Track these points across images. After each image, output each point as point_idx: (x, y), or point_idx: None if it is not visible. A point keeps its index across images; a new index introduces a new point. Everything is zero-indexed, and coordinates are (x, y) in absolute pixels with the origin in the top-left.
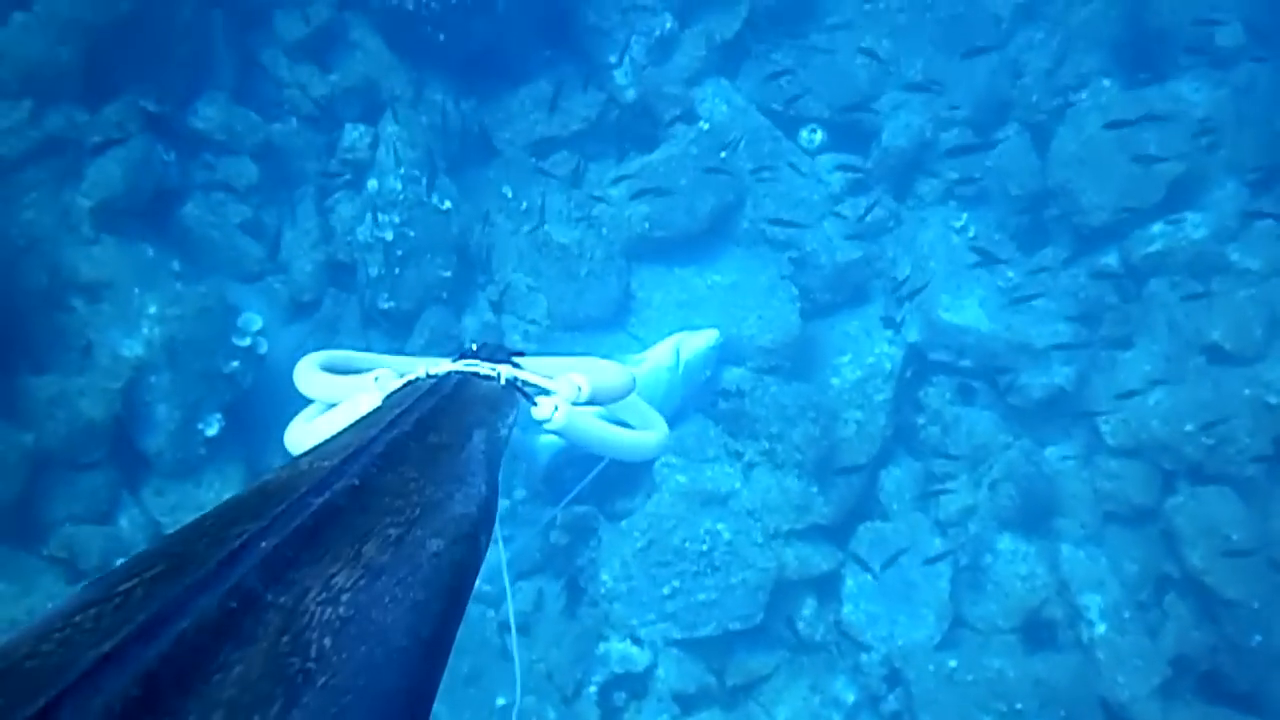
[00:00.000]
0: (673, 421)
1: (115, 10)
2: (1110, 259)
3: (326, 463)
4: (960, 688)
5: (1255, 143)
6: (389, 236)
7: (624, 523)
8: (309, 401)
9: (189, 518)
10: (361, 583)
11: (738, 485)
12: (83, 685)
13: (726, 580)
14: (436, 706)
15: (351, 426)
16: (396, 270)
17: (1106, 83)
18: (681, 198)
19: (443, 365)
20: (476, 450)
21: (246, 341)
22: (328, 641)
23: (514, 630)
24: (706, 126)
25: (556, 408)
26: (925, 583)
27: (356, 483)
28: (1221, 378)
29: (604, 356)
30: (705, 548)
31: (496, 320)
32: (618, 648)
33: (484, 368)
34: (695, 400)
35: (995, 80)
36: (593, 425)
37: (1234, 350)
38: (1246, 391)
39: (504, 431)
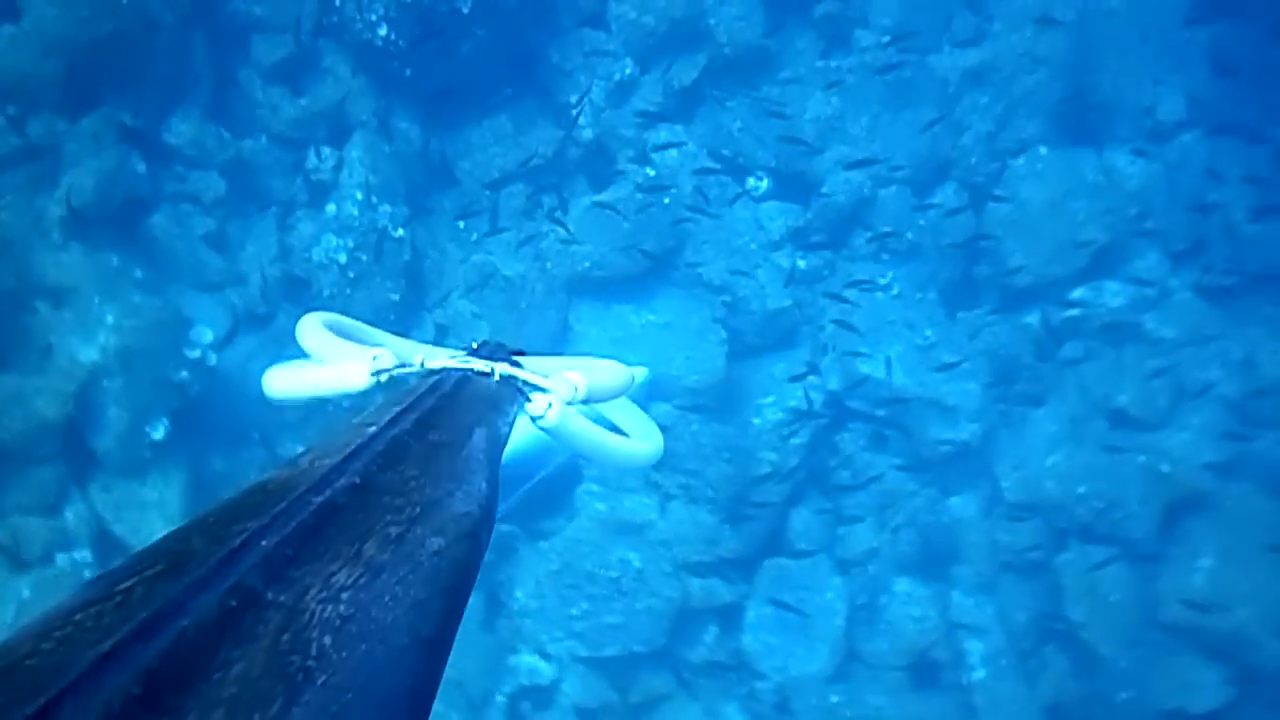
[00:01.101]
0: None
1: (99, 29)
2: (1032, 319)
3: (327, 461)
4: None
5: (1183, 216)
6: (342, 259)
7: (543, 543)
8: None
9: (131, 515)
10: (362, 581)
11: (654, 516)
12: (83, 683)
13: (633, 605)
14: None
15: (350, 425)
16: (348, 291)
17: (1044, 150)
18: (623, 239)
19: (441, 359)
20: (476, 448)
21: (197, 353)
22: (328, 640)
23: None
24: (653, 173)
25: (550, 405)
26: (823, 618)
27: (357, 481)
28: (1121, 443)
29: None
30: (615, 575)
31: (439, 341)
32: (527, 661)
33: (483, 365)
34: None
35: (937, 141)
36: (586, 428)
37: (1138, 416)
38: (1142, 459)
39: (504, 430)
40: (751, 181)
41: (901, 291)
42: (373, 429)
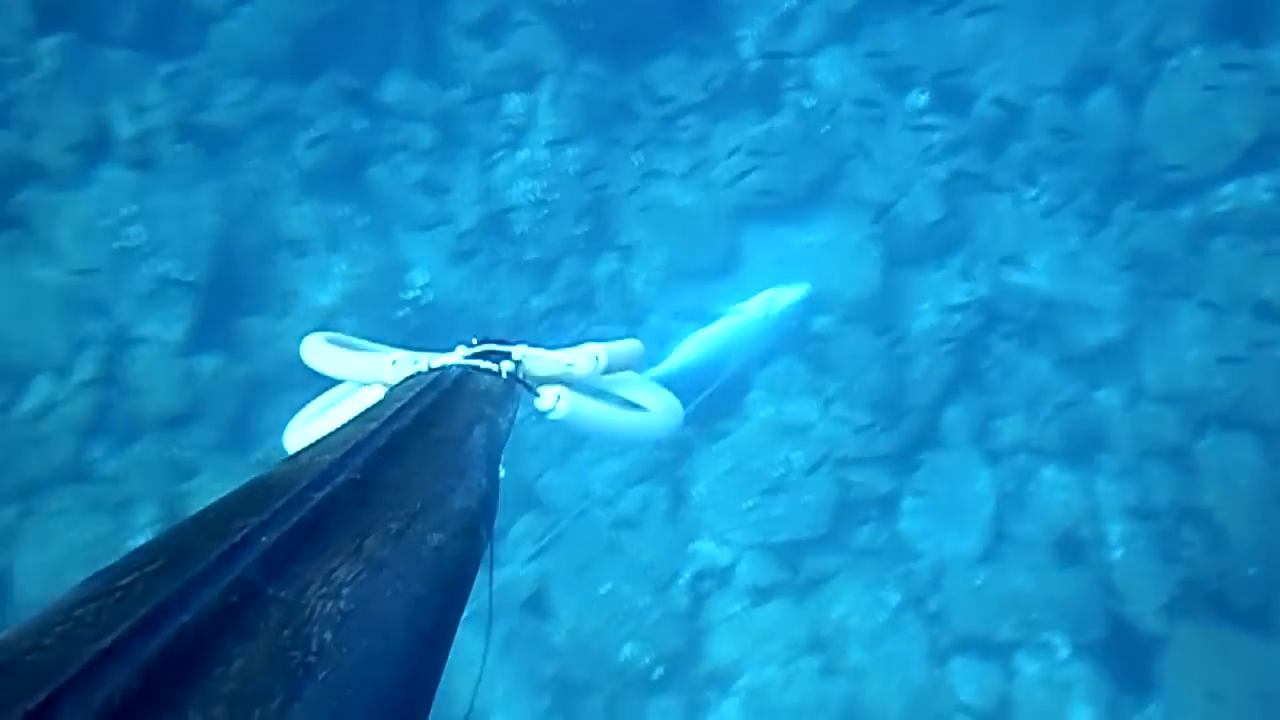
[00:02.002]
0: (765, 362)
1: (321, 7)
2: (1185, 214)
3: (327, 456)
4: (987, 598)
5: None
6: (535, 197)
7: (717, 445)
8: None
9: None
10: (363, 577)
11: (815, 418)
12: (84, 679)
13: (798, 499)
14: (556, 591)
15: (351, 421)
16: (540, 227)
17: (1197, 51)
18: (787, 165)
19: (448, 357)
20: (477, 444)
21: (414, 293)
22: (329, 635)
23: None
24: (814, 101)
25: (559, 397)
26: (975, 505)
27: (358, 477)
28: (1263, 336)
29: (712, 304)
30: (781, 472)
31: (622, 269)
32: (706, 547)
33: (486, 361)
34: (786, 345)
35: (1091, 48)
36: (599, 411)
37: None
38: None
39: (504, 425)
40: (910, 99)
41: (1053, 200)
42: (373, 425)
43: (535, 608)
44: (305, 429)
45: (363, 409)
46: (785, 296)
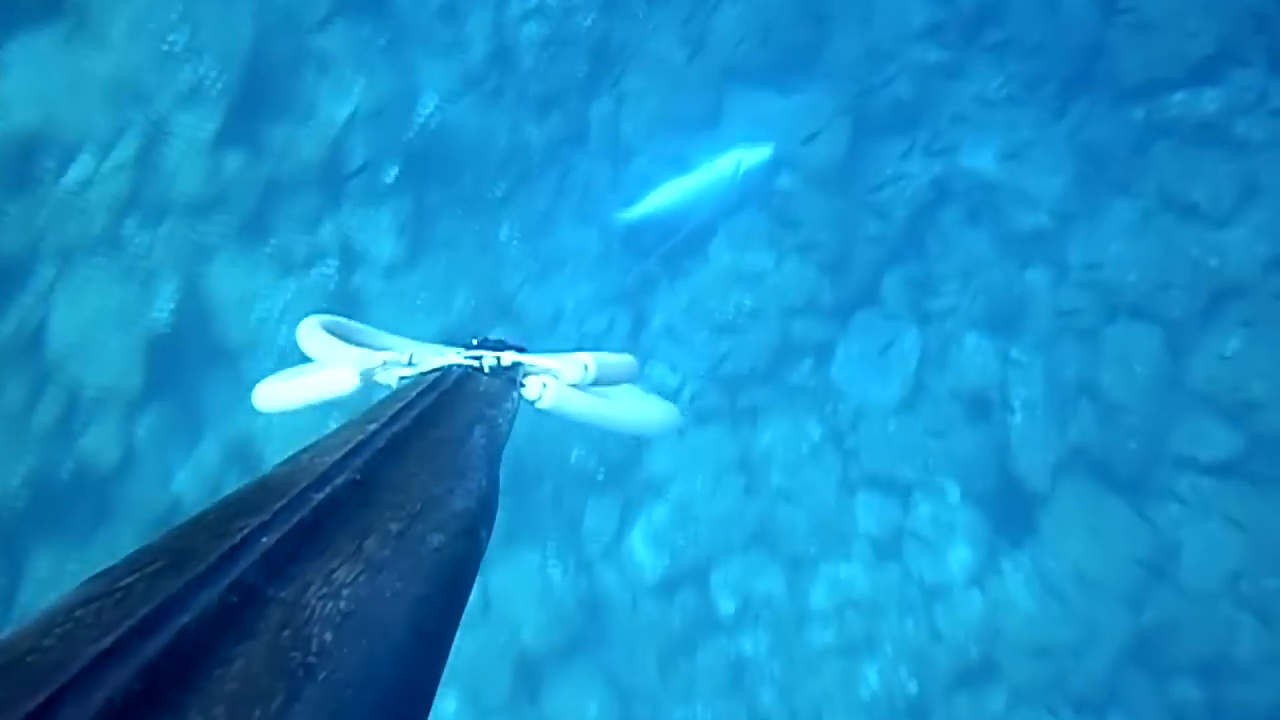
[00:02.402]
0: (731, 214)
1: None
2: (1136, 115)
3: (327, 458)
4: (896, 442)
5: None
6: (542, 36)
7: (677, 283)
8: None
9: (367, 235)
10: (362, 577)
11: (770, 268)
12: (84, 679)
13: (744, 338)
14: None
15: (351, 422)
16: (545, 65)
17: None
18: (777, 31)
19: (447, 355)
20: (477, 445)
21: (425, 114)
22: (329, 636)
23: None
24: None
25: (545, 385)
26: (900, 360)
27: (358, 478)
28: (1183, 237)
29: (691, 154)
30: (733, 314)
31: (615, 111)
32: (659, 369)
33: (484, 361)
34: (749, 200)
35: None
36: (586, 400)
37: (1207, 211)
38: (1195, 251)
39: (504, 426)
40: None
41: (1015, 90)
42: (373, 426)
43: None
44: (273, 390)
45: (332, 384)
46: (751, 157)
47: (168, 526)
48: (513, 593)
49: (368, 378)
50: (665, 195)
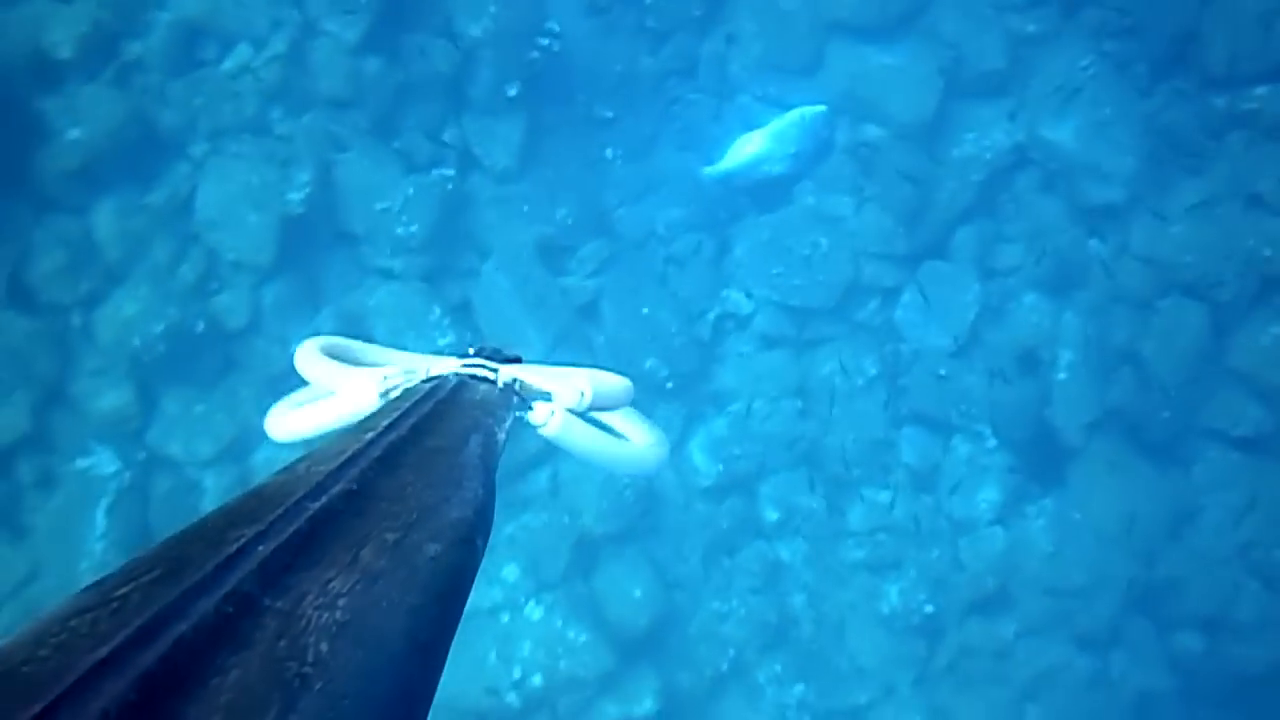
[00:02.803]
0: (813, 162)
1: None
2: (1218, 103)
3: (323, 467)
4: (947, 387)
5: None
6: None
7: (761, 218)
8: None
9: (486, 143)
10: (358, 587)
11: (849, 213)
12: (80, 690)
13: (816, 275)
14: (606, 305)
15: (346, 431)
16: (663, 1)
17: None
18: None
19: (445, 365)
20: (473, 454)
21: (546, 40)
22: (325, 646)
23: None
24: None
25: (553, 413)
26: (959, 311)
27: (354, 487)
28: (1240, 225)
29: (789, 97)
30: (809, 251)
31: (724, 51)
32: (735, 295)
33: (483, 371)
34: (817, 153)
35: None
36: (589, 435)
37: (1271, 203)
38: (1251, 241)
39: (500, 435)
40: None
41: (1103, 69)
42: (369, 435)
43: (587, 314)
44: (285, 418)
45: (352, 407)
46: (811, 113)
47: (282, 385)
48: (580, 480)
49: (386, 397)
50: (742, 148)
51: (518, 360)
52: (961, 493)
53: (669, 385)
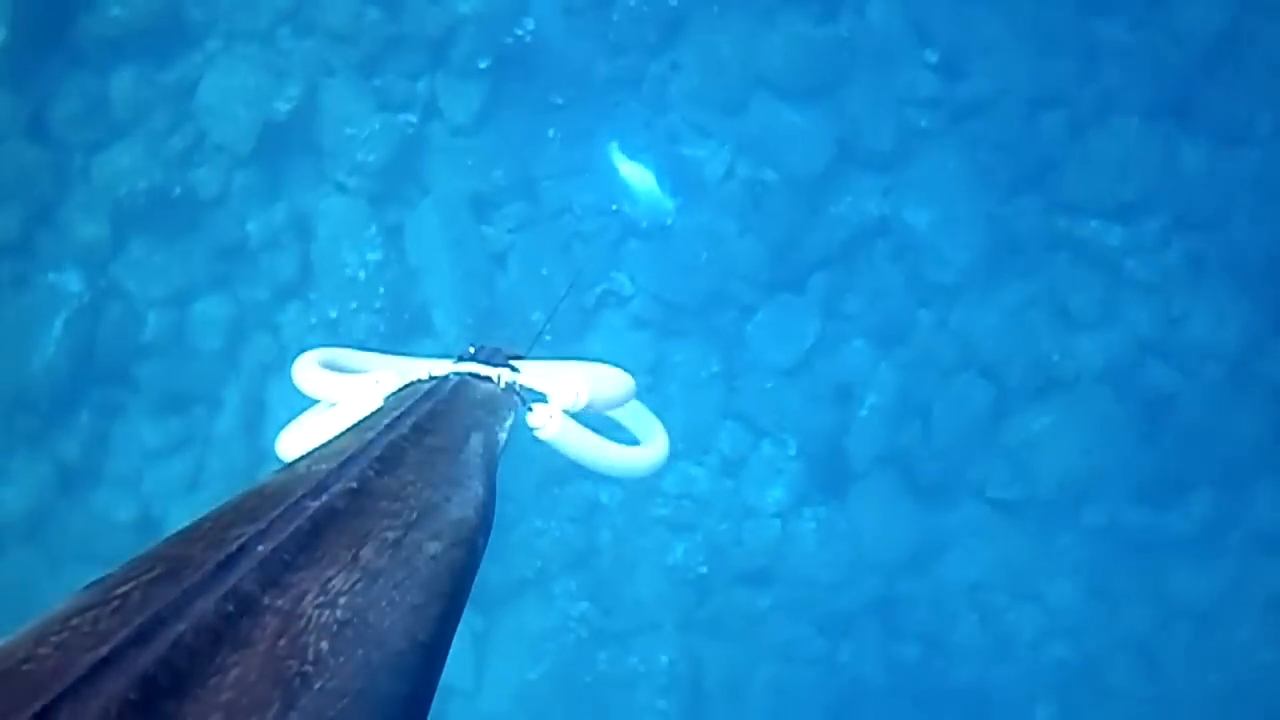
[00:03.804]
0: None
1: None
2: (1060, 224)
3: (324, 466)
4: (769, 395)
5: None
6: None
7: (654, 236)
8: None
9: None
10: (359, 586)
11: (731, 236)
12: (80, 689)
13: (692, 279)
14: None
15: (348, 430)
16: (629, 17)
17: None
18: (811, 65)
19: (444, 366)
20: (474, 454)
21: (524, 29)
22: (325, 645)
23: None
24: None
25: (551, 417)
26: (797, 339)
27: (354, 486)
28: (1044, 330)
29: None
30: (690, 259)
31: (668, 74)
32: (621, 278)
33: (483, 370)
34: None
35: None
36: (587, 440)
37: (1075, 318)
38: (1048, 344)
39: (501, 435)
40: None
41: (974, 172)
42: (370, 434)
43: (496, 261)
44: (298, 437)
45: (355, 417)
46: (663, 205)
47: (227, 254)
48: None
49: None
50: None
51: (519, 359)
52: (756, 485)
53: (547, 338)
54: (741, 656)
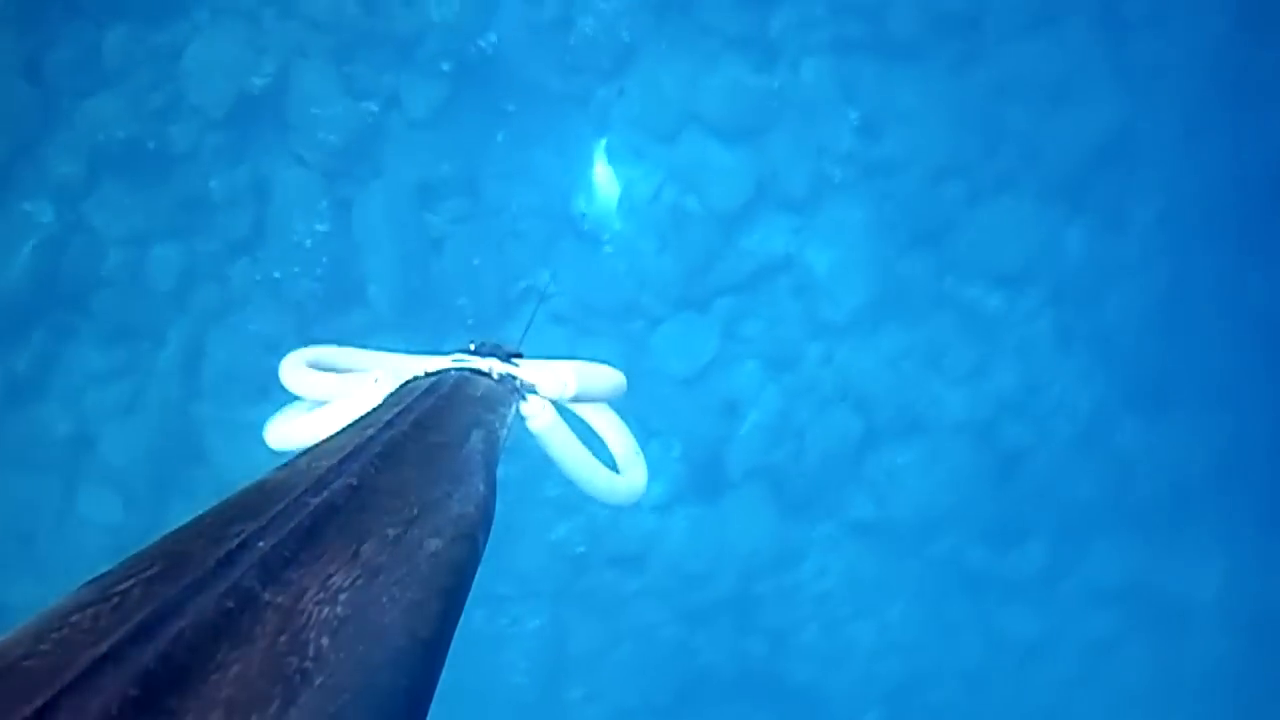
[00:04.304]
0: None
1: None
2: (946, 283)
3: (324, 462)
4: (665, 400)
5: None
6: (595, 27)
7: (587, 249)
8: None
9: None
10: (359, 582)
11: (651, 253)
12: (80, 685)
13: (613, 291)
14: None
15: (348, 426)
16: (585, 42)
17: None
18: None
19: (440, 362)
20: (474, 450)
21: (486, 42)
22: (325, 641)
23: None
24: None
25: (544, 409)
26: (698, 354)
27: (355, 482)
28: (918, 377)
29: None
30: (612, 267)
31: (614, 99)
32: (547, 277)
33: (481, 365)
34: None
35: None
36: (573, 445)
37: (946, 370)
38: (925, 390)
39: (501, 431)
40: None
41: (876, 225)
42: (371, 430)
43: (434, 247)
44: (287, 427)
45: (354, 414)
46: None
47: (189, 206)
48: None
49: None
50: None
51: (518, 355)
52: None
53: (469, 321)
54: (604, 632)
